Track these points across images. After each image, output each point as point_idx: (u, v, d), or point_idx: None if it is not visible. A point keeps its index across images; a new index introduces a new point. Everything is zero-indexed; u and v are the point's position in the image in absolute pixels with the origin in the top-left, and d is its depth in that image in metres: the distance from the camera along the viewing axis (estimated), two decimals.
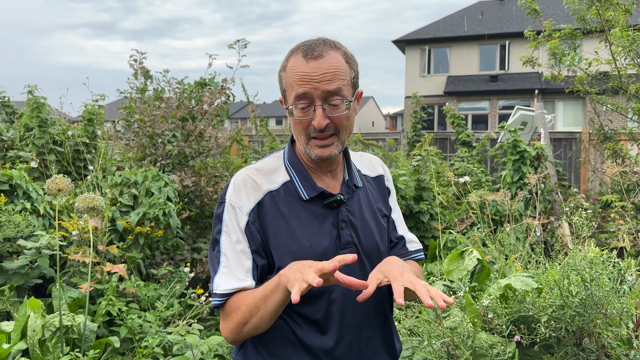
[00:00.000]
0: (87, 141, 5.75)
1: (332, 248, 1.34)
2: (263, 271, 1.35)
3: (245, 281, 1.30)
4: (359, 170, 1.49)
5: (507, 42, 23.61)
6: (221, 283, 1.31)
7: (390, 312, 1.52)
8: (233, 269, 1.31)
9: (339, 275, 1.10)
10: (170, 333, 3.12)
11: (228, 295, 1.30)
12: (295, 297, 1.04)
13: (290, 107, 1.32)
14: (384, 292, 1.45)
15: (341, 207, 1.38)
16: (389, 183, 1.56)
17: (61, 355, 2.88)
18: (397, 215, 1.57)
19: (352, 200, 1.42)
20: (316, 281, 1.04)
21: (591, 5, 5.29)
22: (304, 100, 1.29)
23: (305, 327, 1.35)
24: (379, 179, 1.53)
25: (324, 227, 1.35)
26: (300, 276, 1.10)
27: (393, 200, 1.57)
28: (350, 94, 1.32)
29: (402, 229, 1.56)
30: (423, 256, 1.59)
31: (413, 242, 1.57)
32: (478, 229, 4.00)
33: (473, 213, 4.42)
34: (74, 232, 3.70)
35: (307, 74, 1.27)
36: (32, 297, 3.13)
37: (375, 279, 1.22)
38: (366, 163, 1.54)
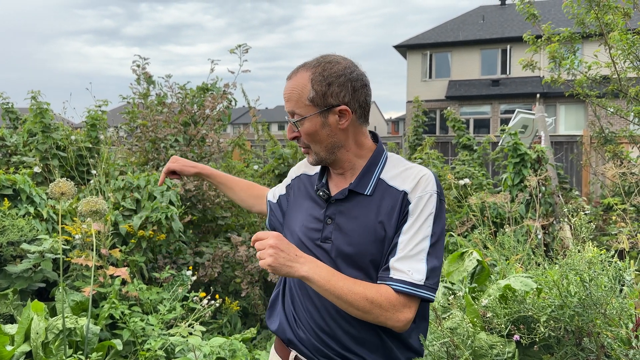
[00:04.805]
0: (90, 146, 5.79)
1: (309, 235, 1.51)
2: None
3: None
4: (381, 179, 1.46)
5: (508, 47, 23.66)
6: None
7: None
8: None
9: None
10: (172, 335, 3.14)
11: None
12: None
13: None
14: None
15: (332, 204, 1.50)
16: (416, 200, 1.40)
17: (64, 357, 2.90)
18: (404, 238, 1.38)
19: (349, 202, 1.48)
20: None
21: (590, 9, 5.32)
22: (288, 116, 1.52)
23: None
24: (401, 195, 1.42)
25: (313, 216, 1.53)
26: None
27: (411, 220, 1.39)
28: (308, 112, 1.44)
29: (397, 258, 1.37)
30: (407, 289, 1.35)
31: (400, 272, 1.36)
32: (479, 231, 4.02)
33: (474, 216, 4.44)
34: (77, 236, 3.73)
35: (283, 94, 1.50)
36: (36, 300, 3.15)
37: None
38: (404, 176, 1.45)
